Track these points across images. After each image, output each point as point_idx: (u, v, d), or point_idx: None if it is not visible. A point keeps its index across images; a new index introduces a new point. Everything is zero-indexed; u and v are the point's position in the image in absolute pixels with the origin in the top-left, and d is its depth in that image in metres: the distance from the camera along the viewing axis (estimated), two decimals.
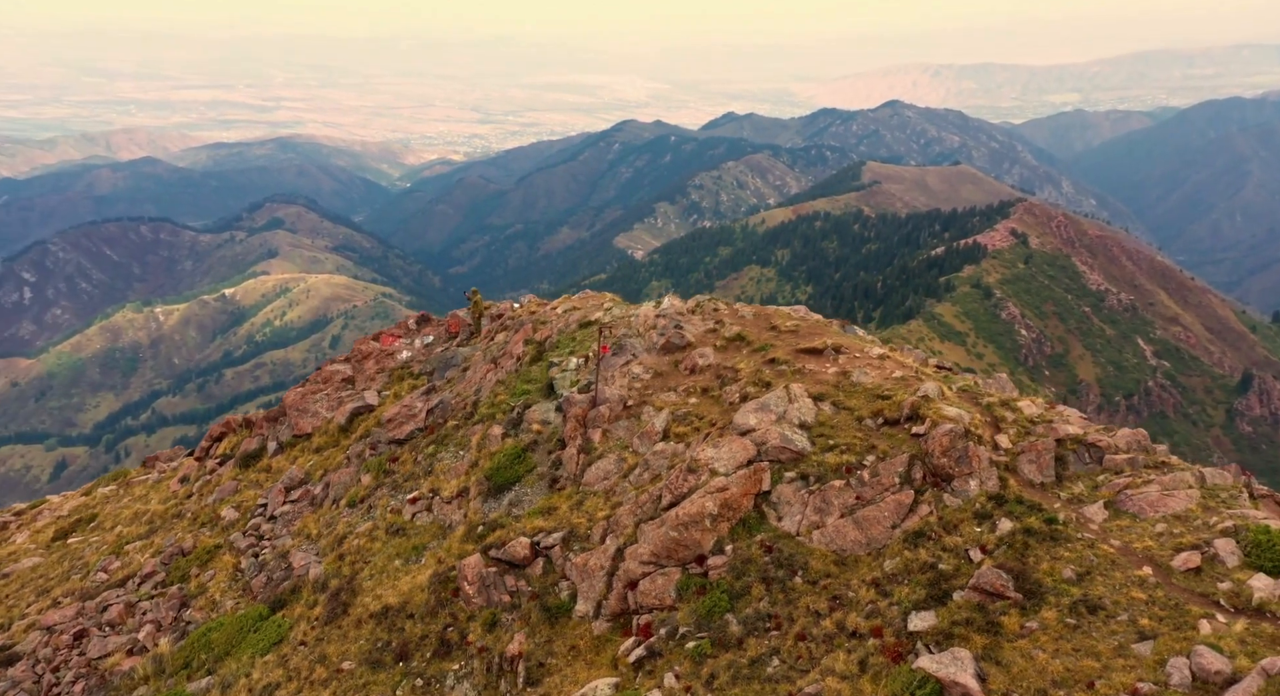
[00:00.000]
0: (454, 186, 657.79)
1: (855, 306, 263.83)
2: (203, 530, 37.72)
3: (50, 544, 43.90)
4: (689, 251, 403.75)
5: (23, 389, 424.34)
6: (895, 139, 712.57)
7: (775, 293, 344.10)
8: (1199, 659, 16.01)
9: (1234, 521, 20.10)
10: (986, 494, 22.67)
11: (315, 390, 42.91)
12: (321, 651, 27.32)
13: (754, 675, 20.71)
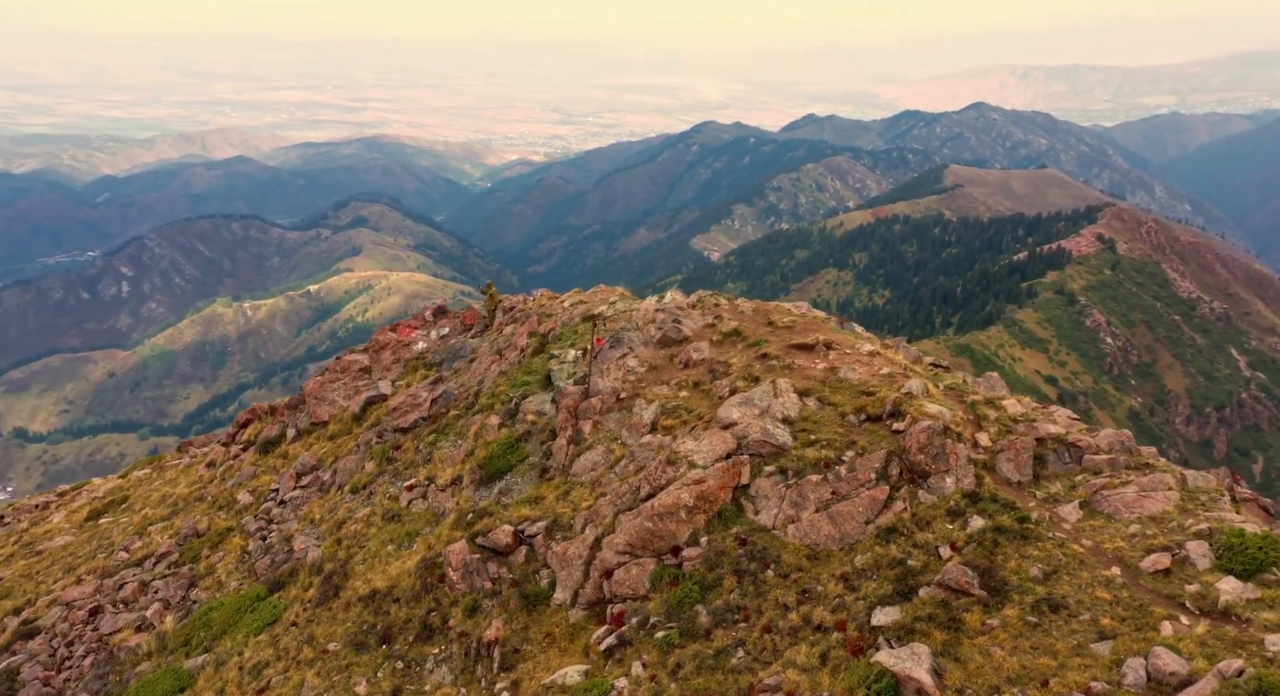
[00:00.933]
0: (533, 187, 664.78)
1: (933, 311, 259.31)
2: (219, 513, 38.96)
3: (83, 523, 45.66)
4: (765, 254, 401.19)
5: (119, 379, 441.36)
6: (980, 142, 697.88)
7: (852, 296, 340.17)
8: (1156, 660, 15.87)
9: (1209, 524, 19.78)
10: (962, 491, 22.54)
11: (334, 379, 44.02)
12: (310, 632, 28.01)
13: (718, 665, 20.90)
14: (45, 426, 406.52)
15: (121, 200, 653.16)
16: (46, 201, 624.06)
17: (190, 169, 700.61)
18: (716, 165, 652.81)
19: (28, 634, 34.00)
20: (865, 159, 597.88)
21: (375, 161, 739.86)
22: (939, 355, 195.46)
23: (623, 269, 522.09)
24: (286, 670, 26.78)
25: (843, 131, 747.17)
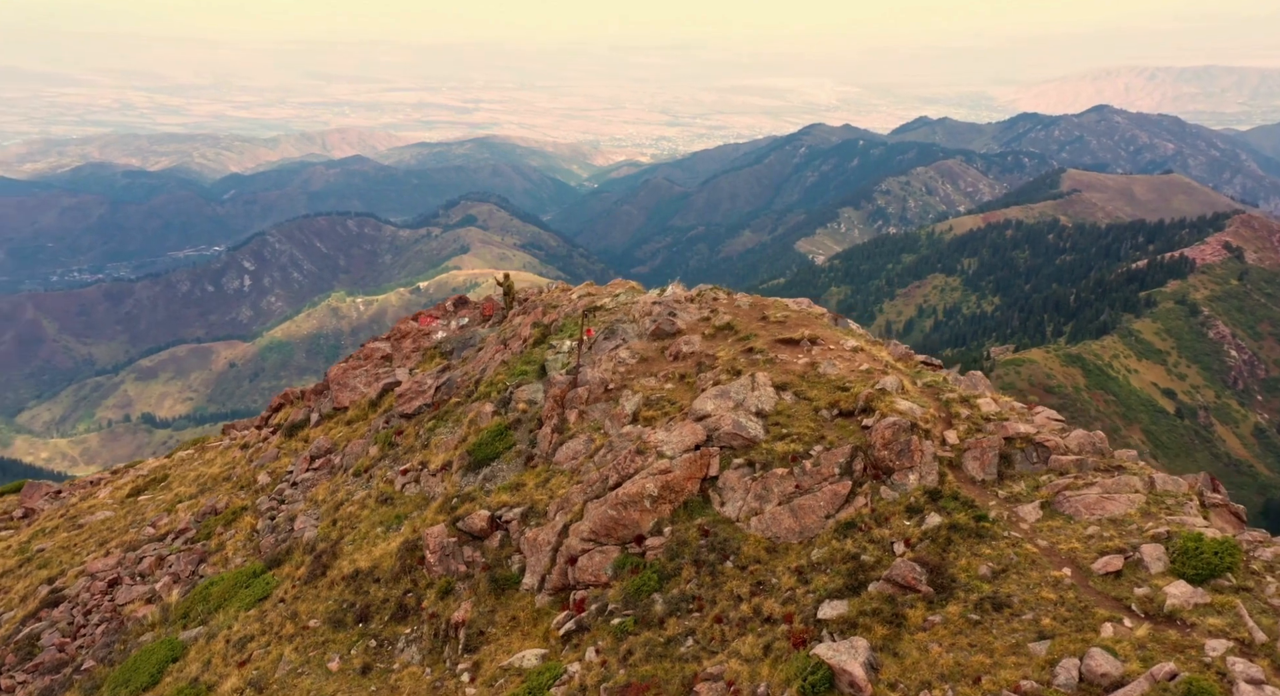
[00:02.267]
0: (639, 187, 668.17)
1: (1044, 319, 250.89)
2: (240, 492, 40.52)
3: (124, 500, 47.78)
4: (871, 257, 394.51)
5: (239, 369, 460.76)
6: (1101, 146, 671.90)
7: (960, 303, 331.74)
8: (1090, 661, 15.77)
9: (1169, 528, 19.38)
10: (924, 488, 22.33)
11: (356, 366, 45.22)
12: (295, 609, 28.94)
13: (667, 653, 21.15)
14: (171, 413, 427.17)
15: (246, 197, 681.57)
16: (178, 198, 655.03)
17: (310, 167, 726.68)
18: (824, 168, 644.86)
19: (53, 602, 35.92)
20: (978, 162, 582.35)
21: (486, 161, 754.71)
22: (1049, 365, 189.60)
23: (726, 271, 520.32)
24: (268, 644, 27.73)
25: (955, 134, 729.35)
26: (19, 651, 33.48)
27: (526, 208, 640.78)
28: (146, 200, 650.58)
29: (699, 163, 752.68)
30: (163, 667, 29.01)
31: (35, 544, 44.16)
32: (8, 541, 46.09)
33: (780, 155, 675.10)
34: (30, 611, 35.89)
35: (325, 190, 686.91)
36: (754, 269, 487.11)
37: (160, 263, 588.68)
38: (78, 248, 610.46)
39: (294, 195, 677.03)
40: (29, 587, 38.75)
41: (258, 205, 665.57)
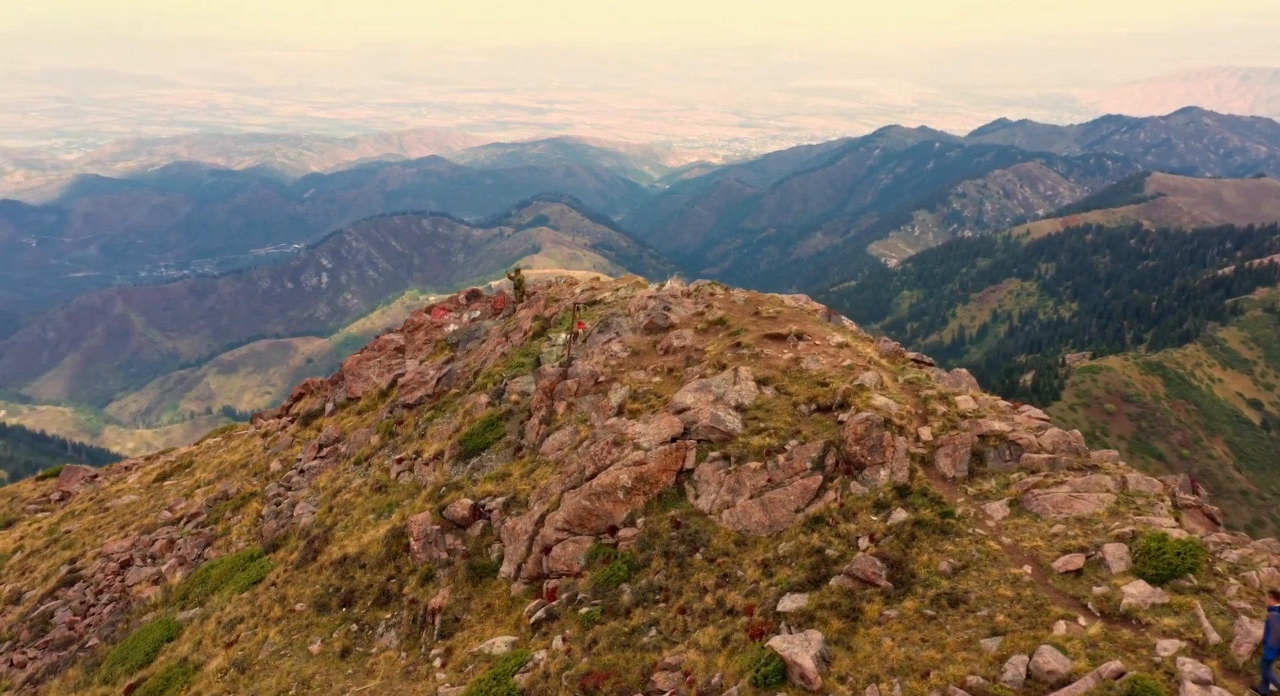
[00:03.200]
0: (711, 189, 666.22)
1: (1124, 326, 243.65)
2: (252, 479, 41.43)
3: (150, 484, 49.11)
4: (944, 261, 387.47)
5: (316, 365, 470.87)
6: (1189, 149, 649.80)
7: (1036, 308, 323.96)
8: (1038, 658, 15.79)
9: (1135, 527, 19.22)
10: (894, 484, 22.34)
11: (370, 357, 45.91)
12: (284, 592, 29.44)
13: (630, 643, 21.34)
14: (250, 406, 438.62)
15: (325, 196, 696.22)
16: (260, 197, 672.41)
17: (387, 167, 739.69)
18: (899, 170, 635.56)
19: (70, 581, 37.02)
20: (1059, 165, 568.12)
21: (559, 162, 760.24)
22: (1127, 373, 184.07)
23: (796, 273, 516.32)
24: (255, 626, 28.27)
25: (1035, 136, 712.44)
26: (33, 628, 34.63)
27: (598, 208, 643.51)
28: (230, 198, 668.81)
29: (771, 164, 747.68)
30: (158, 647, 29.70)
31: (64, 525, 45.64)
32: (40, 523, 47.77)
33: (854, 157, 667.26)
34: (48, 590, 37.12)
35: (401, 189, 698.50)
36: (825, 271, 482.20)
37: (242, 259, 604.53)
38: (165, 244, 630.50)
39: (371, 194, 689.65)
40: (52, 567, 40.03)
41: (336, 204, 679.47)
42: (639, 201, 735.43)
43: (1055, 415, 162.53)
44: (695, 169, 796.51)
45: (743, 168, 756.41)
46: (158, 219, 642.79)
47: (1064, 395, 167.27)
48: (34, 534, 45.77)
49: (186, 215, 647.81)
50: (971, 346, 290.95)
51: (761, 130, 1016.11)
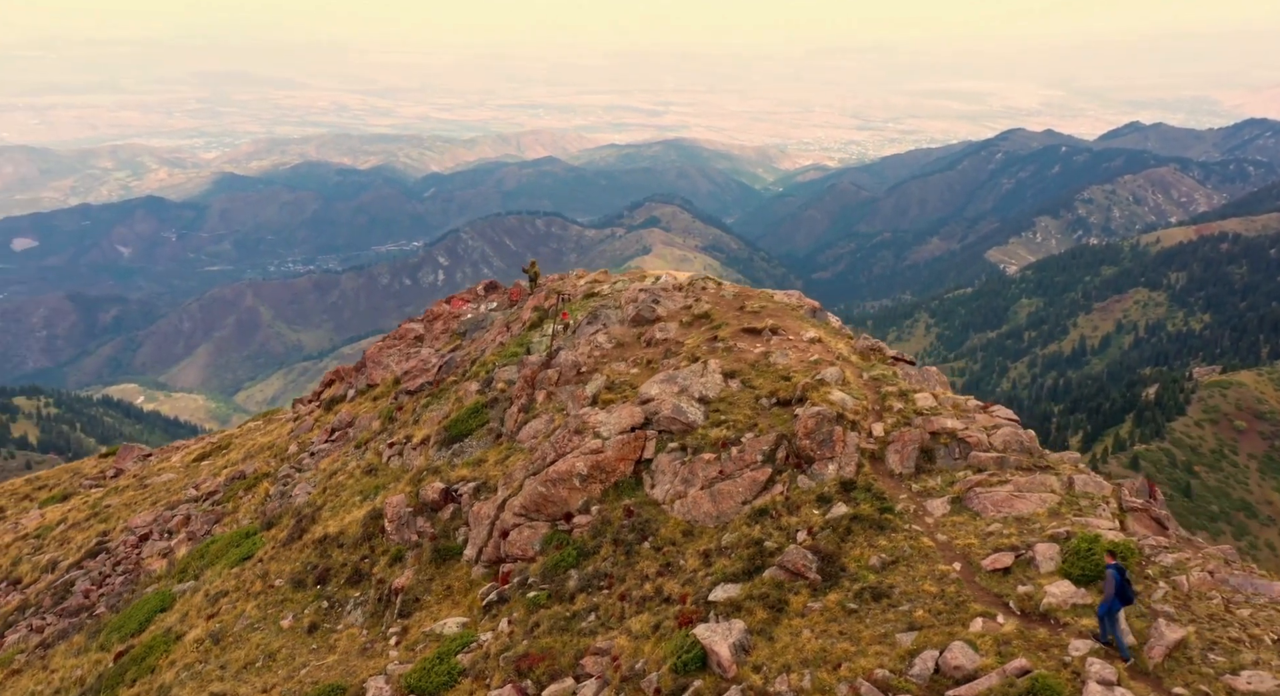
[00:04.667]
0: (825, 192, 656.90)
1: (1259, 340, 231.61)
2: (272, 460, 43.15)
3: (189, 464, 51.34)
4: (1066, 269, 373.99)
5: None
6: None
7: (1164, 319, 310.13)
8: (948, 654, 15.94)
9: (1070, 528, 19.17)
10: (840, 479, 22.54)
11: (391, 345, 47.39)
12: (267, 568, 30.67)
13: (569, 627, 21.88)
14: None
15: (444, 195, 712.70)
16: (383, 195, 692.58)
17: (504, 167, 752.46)
18: (1021, 175, 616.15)
19: (95, 552, 39.24)
20: (1195, 171, 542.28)
21: (672, 163, 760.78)
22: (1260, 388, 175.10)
23: (911, 279, 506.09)
24: (236, 600, 29.54)
25: (1170, 141, 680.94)
26: (55, 595, 36.62)
27: (710, 210, 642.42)
28: (355, 197, 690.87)
29: (888, 168, 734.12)
30: (151, 617, 31.13)
31: (106, 500, 48.18)
32: (89, 497, 50.55)
33: (974, 161, 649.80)
34: (76, 560, 39.29)
35: (517, 189, 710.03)
36: (940, 277, 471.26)
37: (364, 256, 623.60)
38: (293, 240, 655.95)
39: (488, 194, 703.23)
40: (86, 539, 42.29)
41: (455, 203, 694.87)
42: (752, 204, 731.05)
43: (1179, 431, 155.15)
44: (810, 172, 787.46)
45: (858, 171, 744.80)
46: (287, 216, 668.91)
47: (1190, 410, 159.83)
48: (80, 507, 48.38)
49: (314, 212, 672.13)
50: (1093, 357, 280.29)
51: (879, 133, 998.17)
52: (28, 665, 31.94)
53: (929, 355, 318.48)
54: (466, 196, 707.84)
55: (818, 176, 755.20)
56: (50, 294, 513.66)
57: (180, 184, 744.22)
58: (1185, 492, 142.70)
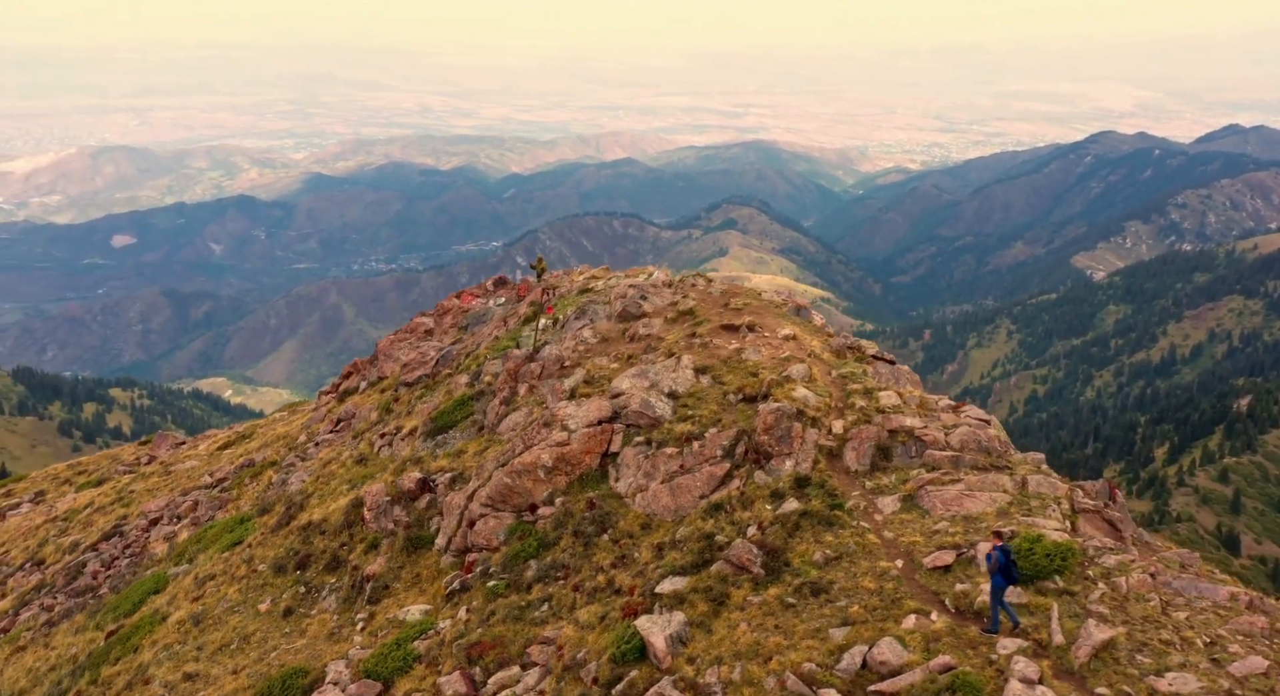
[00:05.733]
0: (906, 195, 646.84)
1: None
2: (283, 449, 44.01)
3: (214, 452, 52.57)
4: (1156, 275, 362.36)
5: None
6: None
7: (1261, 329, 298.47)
8: (876, 650, 16.13)
9: (1015, 527, 19.15)
10: (795, 475, 22.64)
11: (402, 338, 48.07)
12: (253, 553, 31.36)
13: (522, 616, 22.27)
14: None
15: (524, 196, 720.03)
16: (464, 196, 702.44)
17: (583, 169, 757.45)
18: (1111, 178, 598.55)
19: (110, 535, 40.52)
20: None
21: (751, 165, 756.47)
22: None
23: (993, 284, 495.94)
24: (221, 584, 30.25)
25: (1272, 144, 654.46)
26: (68, 575, 37.83)
27: (788, 212, 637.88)
28: (437, 197, 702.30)
29: (971, 171, 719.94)
30: (145, 598, 31.99)
31: (132, 486, 49.64)
32: (118, 483, 52.10)
33: (1062, 164, 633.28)
34: (92, 542, 40.58)
35: (595, 191, 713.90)
36: (1024, 283, 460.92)
37: (445, 255, 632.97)
38: (376, 240, 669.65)
39: (566, 195, 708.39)
40: (107, 522, 43.57)
41: (533, 204, 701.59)
42: (830, 206, 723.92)
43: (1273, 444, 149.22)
44: (891, 174, 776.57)
45: (941, 174, 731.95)
46: (371, 215, 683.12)
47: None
48: (108, 492, 49.88)
49: (396, 212, 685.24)
50: (1183, 367, 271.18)
51: (963, 135, 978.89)
52: (32, 642, 33.10)
53: (1010, 362, 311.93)
54: (545, 197, 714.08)
55: (899, 179, 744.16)
56: (146, 289, 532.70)
57: (270, 183, 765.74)
58: (1278, 507, 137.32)
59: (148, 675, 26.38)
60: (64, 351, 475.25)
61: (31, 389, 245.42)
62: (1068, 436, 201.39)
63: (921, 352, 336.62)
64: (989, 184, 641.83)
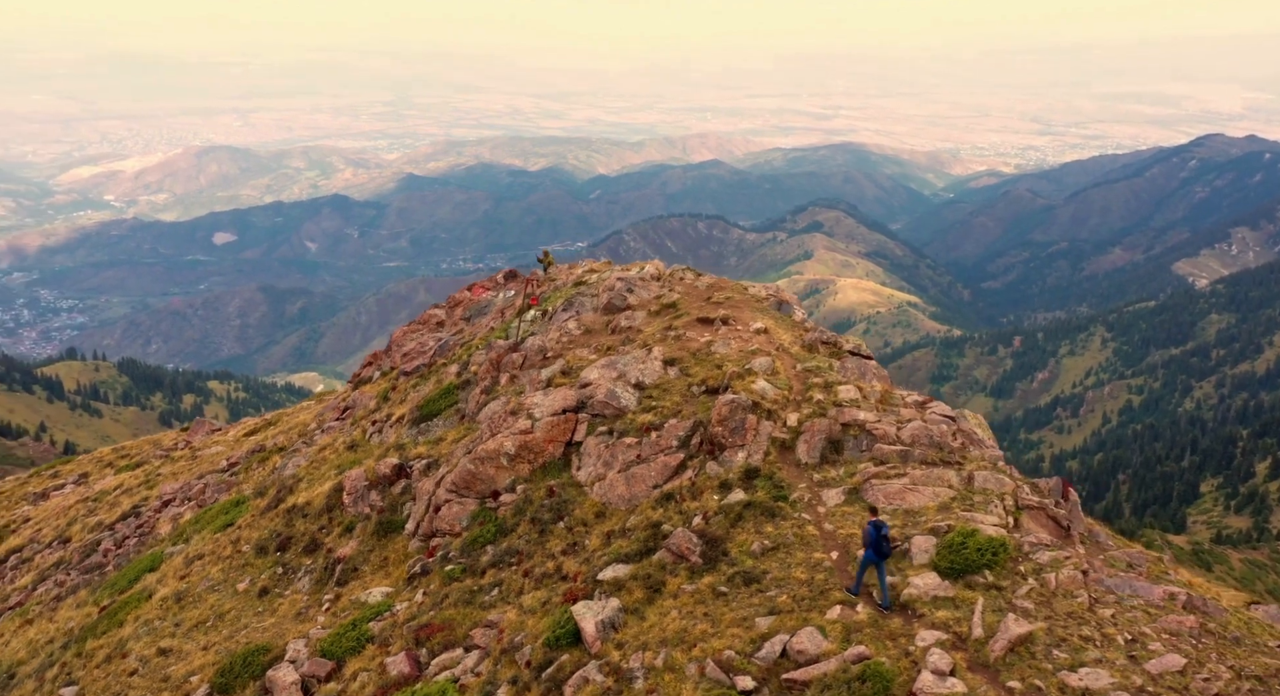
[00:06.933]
0: (998, 199, 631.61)
1: None
2: (295, 436, 44.73)
3: (240, 438, 53.79)
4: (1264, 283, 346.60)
5: None
6: None
7: None
8: (795, 639, 16.31)
9: (952, 522, 19.11)
10: (746, 466, 22.77)
11: (415, 329, 48.85)
12: (240, 534, 32.06)
13: (472, 600, 22.64)
14: None
15: (609, 197, 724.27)
16: (551, 196, 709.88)
17: (669, 170, 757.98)
18: (1218, 183, 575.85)
19: (128, 515, 41.79)
20: None
21: (838, 167, 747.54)
22: None
23: (1088, 290, 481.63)
24: (208, 563, 30.95)
25: None
26: (83, 553, 39.03)
27: (875, 215, 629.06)
28: (524, 197, 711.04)
29: (1067, 174, 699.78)
30: (140, 576, 32.81)
31: (160, 469, 51.14)
32: (150, 466, 53.63)
33: (1165, 168, 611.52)
34: (111, 522, 41.81)
35: (681, 192, 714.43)
36: (1120, 289, 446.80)
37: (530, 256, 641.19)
38: (464, 239, 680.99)
39: (652, 197, 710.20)
40: (131, 503, 44.86)
41: (619, 205, 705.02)
42: (919, 210, 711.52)
43: None
44: (983, 177, 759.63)
45: (1035, 177, 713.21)
46: (460, 215, 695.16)
47: None
48: (139, 474, 51.39)
49: (485, 212, 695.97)
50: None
51: (1060, 138, 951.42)
52: (39, 616, 34.20)
53: (1104, 370, 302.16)
54: (631, 198, 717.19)
55: (991, 183, 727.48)
56: (245, 286, 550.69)
57: (364, 183, 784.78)
58: None
59: (125, 649, 27.23)
60: (167, 344, 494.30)
61: (135, 380, 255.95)
62: (1163, 448, 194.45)
63: (1011, 360, 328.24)
64: (1086, 188, 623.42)
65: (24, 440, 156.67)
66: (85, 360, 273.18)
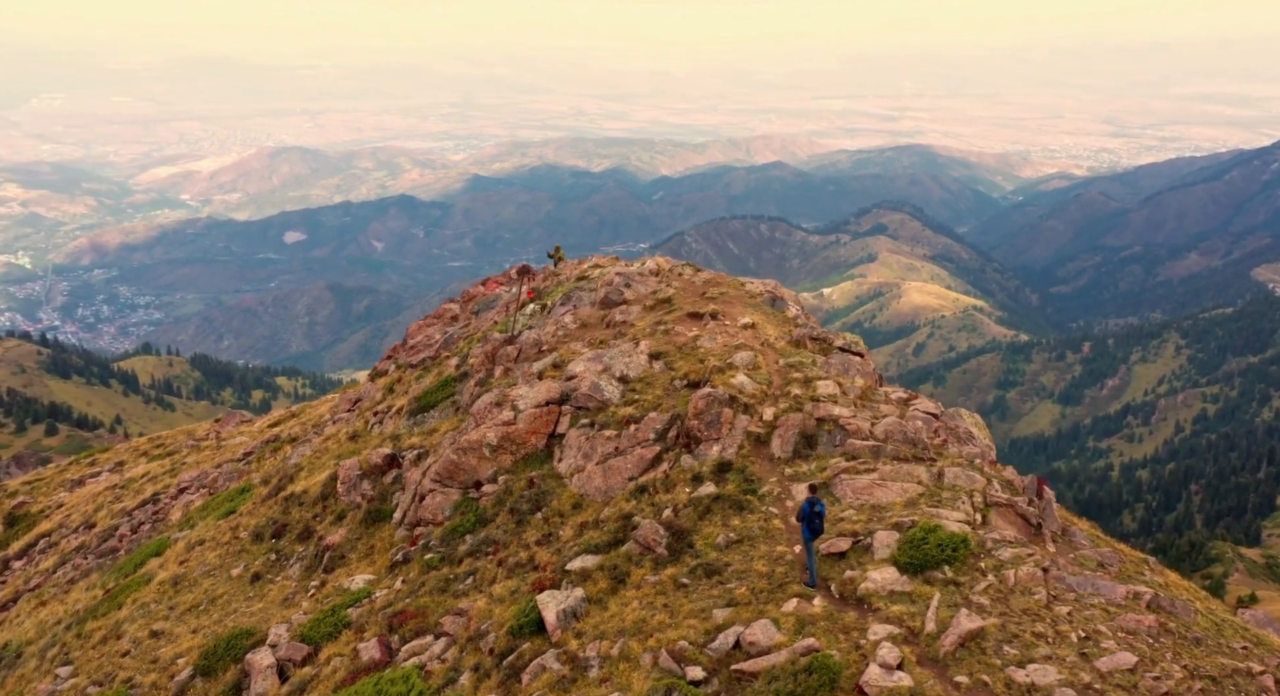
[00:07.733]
0: (1069, 202, 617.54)
1: None
2: (310, 426, 45.34)
3: (264, 429, 54.63)
4: None
5: None
6: None
7: None
8: (749, 631, 16.43)
9: (916, 517, 19.16)
10: (720, 460, 22.91)
11: (430, 323, 49.58)
12: (240, 521, 32.52)
13: (446, 589, 22.88)
14: None
15: (672, 198, 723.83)
16: (613, 197, 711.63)
17: (732, 172, 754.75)
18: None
19: (147, 502, 42.68)
20: None
21: (904, 170, 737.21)
22: None
23: (1162, 296, 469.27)
24: (207, 550, 31.49)
25: None
26: (102, 537, 39.96)
27: (942, 218, 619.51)
28: (587, 198, 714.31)
29: (1142, 177, 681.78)
30: (145, 560, 33.48)
31: (186, 459, 52.20)
32: (179, 456, 54.77)
33: (1245, 170, 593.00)
34: (131, 508, 42.73)
35: (744, 194, 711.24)
36: (1196, 296, 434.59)
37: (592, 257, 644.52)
38: (527, 239, 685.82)
39: (714, 198, 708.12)
40: (154, 490, 45.76)
41: (681, 206, 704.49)
42: (987, 213, 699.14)
43: None
44: (1054, 180, 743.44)
45: (1108, 180, 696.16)
46: (523, 215, 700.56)
47: None
48: (167, 463, 52.58)
49: (547, 213, 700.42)
50: None
51: (1135, 141, 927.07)
52: (53, 598, 35.10)
53: (1177, 378, 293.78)
54: (693, 199, 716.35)
55: (1063, 185, 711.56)
56: (313, 284, 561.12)
57: (429, 183, 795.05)
58: None
59: (120, 631, 27.87)
60: (238, 340, 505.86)
61: (207, 375, 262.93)
62: (1238, 459, 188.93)
63: (1080, 366, 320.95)
64: (1161, 191, 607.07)
65: (99, 432, 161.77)
66: (160, 355, 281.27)
